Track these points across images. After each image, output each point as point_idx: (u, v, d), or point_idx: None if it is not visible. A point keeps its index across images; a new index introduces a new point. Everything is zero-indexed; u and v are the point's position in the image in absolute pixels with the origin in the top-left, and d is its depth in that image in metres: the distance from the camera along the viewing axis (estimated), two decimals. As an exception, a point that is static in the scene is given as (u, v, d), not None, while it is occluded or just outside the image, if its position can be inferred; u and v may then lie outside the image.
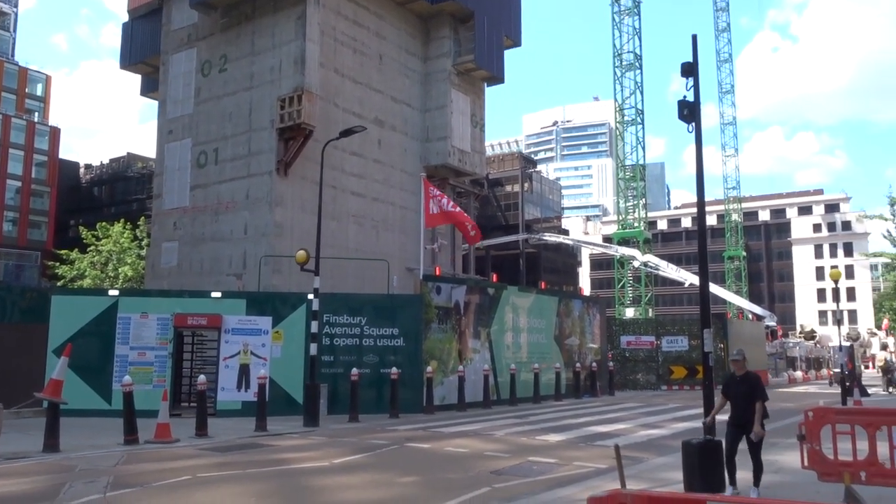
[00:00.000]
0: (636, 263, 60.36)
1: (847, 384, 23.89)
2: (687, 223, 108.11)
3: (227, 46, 34.58)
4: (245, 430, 15.78)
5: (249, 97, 33.14)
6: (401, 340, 20.87)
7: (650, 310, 62.48)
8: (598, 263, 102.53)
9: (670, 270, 58.19)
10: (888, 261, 62.29)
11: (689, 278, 53.93)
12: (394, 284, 30.83)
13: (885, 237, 59.68)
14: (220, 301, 20.01)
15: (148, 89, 41.73)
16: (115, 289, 28.41)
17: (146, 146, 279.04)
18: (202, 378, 15.69)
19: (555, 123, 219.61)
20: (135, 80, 56.24)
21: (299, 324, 19.73)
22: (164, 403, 14.22)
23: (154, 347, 19.10)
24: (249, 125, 32.87)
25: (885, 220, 58.52)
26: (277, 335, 19.75)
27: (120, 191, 75.93)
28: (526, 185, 72.30)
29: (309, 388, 17.51)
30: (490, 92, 53.33)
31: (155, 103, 39.15)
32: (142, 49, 39.82)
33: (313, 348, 17.82)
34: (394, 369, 19.48)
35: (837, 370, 33.18)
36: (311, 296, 18.54)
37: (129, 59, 40.64)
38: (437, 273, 27.42)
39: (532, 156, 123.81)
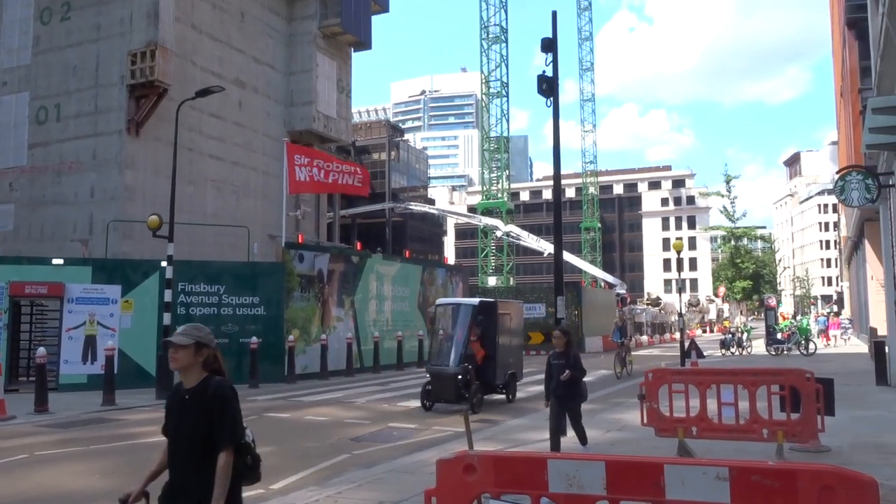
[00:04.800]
0: (499, 233, 62.07)
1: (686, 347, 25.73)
2: (548, 195, 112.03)
3: (70, -7, 31.84)
4: (91, 404, 14.95)
5: (96, 50, 30.74)
6: (262, 309, 20.38)
7: (511, 278, 64.58)
8: (463, 233, 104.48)
9: (531, 240, 60.31)
10: (724, 234, 67.81)
11: (549, 248, 56.11)
12: (254, 252, 29.99)
13: (721, 212, 65.11)
14: (62, 268, 18.71)
15: (-23, 35, 37.79)
16: (-60, 255, 25.81)
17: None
18: (41, 350, 14.65)
19: (423, 93, 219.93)
20: (-38, 24, 50.71)
21: (152, 292, 18.82)
22: (-3, 378, 13.19)
23: (-14, 318, 17.62)
24: (96, 80, 30.55)
25: (722, 196, 63.71)
26: (127, 304, 18.75)
27: (-54, 147, 68.69)
28: (393, 153, 72.17)
29: (162, 359, 16.77)
30: (357, 58, 52.55)
31: (-14, 51, 35.51)
32: (-30, -10, 35.92)
33: (167, 318, 17.05)
34: (254, 339, 19.03)
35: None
36: (164, 263, 17.71)
37: (-45, 0, 36.57)
38: (300, 241, 26.93)
39: (399, 124, 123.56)
